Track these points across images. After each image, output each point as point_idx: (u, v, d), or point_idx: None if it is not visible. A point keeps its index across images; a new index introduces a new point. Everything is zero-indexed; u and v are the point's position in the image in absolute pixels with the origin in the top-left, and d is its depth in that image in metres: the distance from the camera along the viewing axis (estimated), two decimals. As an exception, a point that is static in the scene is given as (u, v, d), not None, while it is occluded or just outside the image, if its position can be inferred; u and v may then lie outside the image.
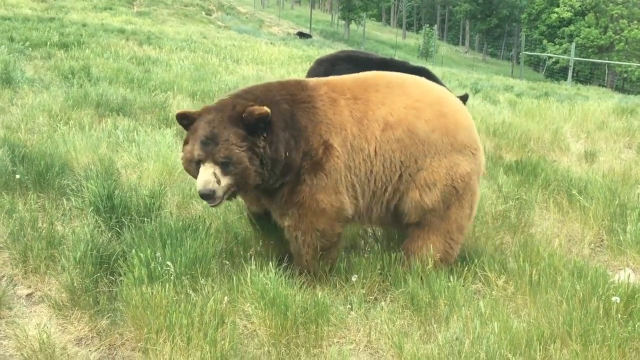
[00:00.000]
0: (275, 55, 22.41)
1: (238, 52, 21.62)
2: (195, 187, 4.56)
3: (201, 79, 13.52)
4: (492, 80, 29.70)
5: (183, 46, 20.76)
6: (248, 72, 16.83)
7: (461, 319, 4.32)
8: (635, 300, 4.58)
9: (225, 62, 18.56)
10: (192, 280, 4.37)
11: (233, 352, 3.78)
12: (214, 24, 40.97)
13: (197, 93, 11.57)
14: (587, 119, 13.17)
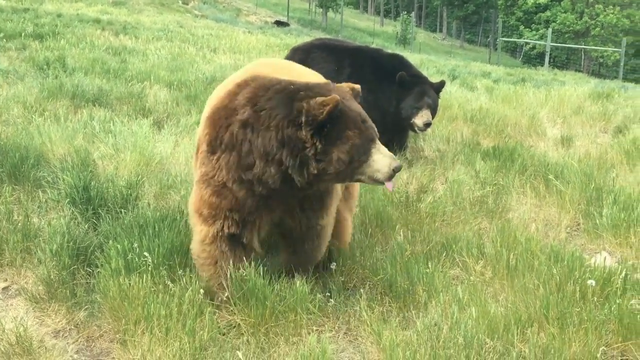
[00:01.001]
0: (253, 44, 22.31)
1: (215, 41, 21.50)
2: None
3: (178, 69, 13.44)
4: (469, 66, 29.76)
5: (160, 36, 20.63)
6: (226, 61, 16.74)
7: (439, 305, 4.34)
8: (611, 283, 4.63)
9: (203, 51, 18.47)
10: (170, 271, 4.35)
11: (212, 342, 3.77)
12: (191, 13, 40.71)
13: (174, 83, 11.51)
14: (564, 104, 13.24)
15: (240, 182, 3.93)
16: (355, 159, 3.78)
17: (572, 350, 3.81)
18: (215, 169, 3.96)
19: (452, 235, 5.49)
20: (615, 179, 7.61)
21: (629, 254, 5.65)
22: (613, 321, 4.17)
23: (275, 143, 3.75)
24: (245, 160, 3.86)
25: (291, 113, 3.73)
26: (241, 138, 3.85)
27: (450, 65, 27.63)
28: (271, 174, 3.82)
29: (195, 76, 12.52)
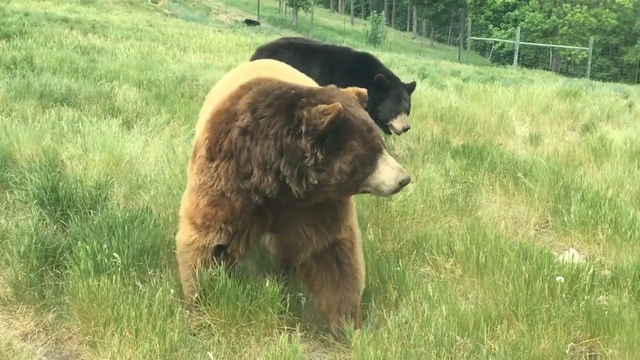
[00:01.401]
0: (223, 43, 22.23)
1: (185, 40, 21.40)
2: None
3: (148, 68, 13.34)
4: (439, 65, 29.95)
5: (129, 35, 20.47)
6: (196, 60, 16.67)
7: (410, 303, 4.36)
8: (579, 279, 4.69)
9: (172, 50, 18.36)
10: (140, 272, 4.31)
11: (182, 343, 3.75)
12: (161, 12, 40.49)
13: (143, 82, 11.41)
14: (532, 103, 13.38)
15: (238, 192, 3.75)
16: (360, 170, 3.58)
17: (541, 346, 3.84)
18: (214, 178, 3.78)
19: (422, 233, 5.52)
20: (583, 176, 7.73)
21: (597, 250, 5.73)
22: (581, 317, 4.22)
23: (274, 152, 3.57)
24: (244, 169, 3.68)
25: (291, 121, 3.55)
26: (240, 145, 3.67)
27: (420, 63, 27.78)
28: (268, 183, 3.63)
29: (165, 75, 12.44)
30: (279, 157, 3.57)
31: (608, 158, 8.51)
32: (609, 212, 6.09)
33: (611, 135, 9.99)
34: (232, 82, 4.17)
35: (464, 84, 18.00)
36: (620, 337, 3.96)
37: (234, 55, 18.66)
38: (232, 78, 4.45)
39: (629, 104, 15.80)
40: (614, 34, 68.95)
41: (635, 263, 5.01)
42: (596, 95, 17.10)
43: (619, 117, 13.18)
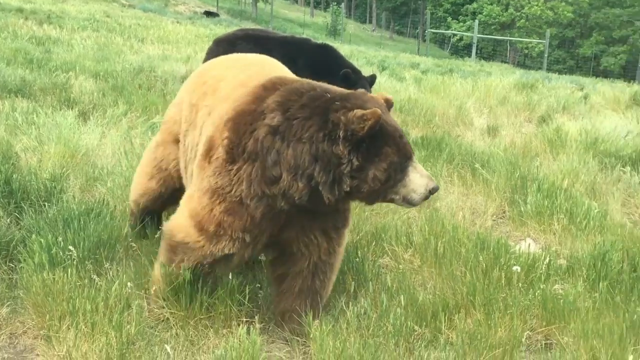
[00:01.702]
0: (182, 35, 22.06)
1: (143, 32, 21.18)
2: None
3: (105, 59, 13.18)
4: (398, 57, 30.10)
5: (85, 25, 20.19)
6: (154, 51, 16.51)
7: (369, 294, 4.37)
8: (535, 269, 4.76)
9: (130, 41, 18.17)
10: (96, 265, 4.26)
11: (140, 336, 3.71)
12: (118, 3, 39.90)
13: (100, 73, 11.27)
14: (490, 95, 13.52)
15: (261, 198, 3.55)
16: (392, 177, 3.51)
17: (497, 335, 3.88)
18: (234, 182, 3.56)
19: (381, 224, 5.54)
20: (539, 167, 7.83)
21: (552, 240, 5.81)
22: (537, 306, 4.28)
23: (308, 157, 3.41)
24: (271, 172, 3.48)
25: (326, 125, 3.41)
26: (268, 146, 3.48)
27: (379, 56, 27.90)
28: (299, 188, 3.47)
29: (122, 66, 12.31)
30: (313, 163, 3.43)
31: (564, 149, 8.62)
32: (565, 202, 6.18)
33: (567, 126, 10.13)
34: (219, 78, 4.03)
35: (423, 76, 18.12)
36: (575, 326, 4.02)
37: (193, 47, 18.51)
38: (213, 74, 4.20)
39: (584, 96, 16.04)
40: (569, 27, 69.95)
41: (590, 252, 5.09)
42: (552, 88, 17.34)
43: (575, 109, 13.38)
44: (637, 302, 4.37)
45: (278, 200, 3.55)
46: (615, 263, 4.96)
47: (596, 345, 3.80)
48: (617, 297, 4.44)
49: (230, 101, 3.72)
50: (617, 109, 14.09)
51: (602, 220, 6.05)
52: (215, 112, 3.79)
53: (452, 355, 3.72)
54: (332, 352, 3.52)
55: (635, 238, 5.55)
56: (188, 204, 3.75)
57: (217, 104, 3.81)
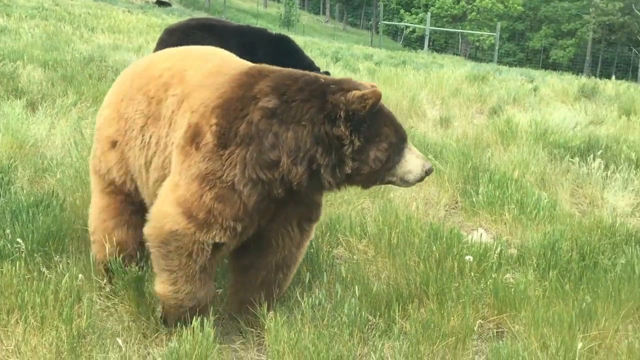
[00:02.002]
0: (133, 24, 21.77)
1: (93, 21, 20.85)
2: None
3: (54, 48, 12.94)
4: (352, 49, 30.18)
5: (34, 14, 19.79)
6: (104, 41, 16.26)
7: (323, 285, 4.38)
8: (487, 258, 4.81)
9: (80, 30, 17.87)
10: (45, 258, 4.18)
11: (91, 329, 3.66)
12: (67, -9, 39.16)
13: (49, 62, 11.05)
14: (442, 86, 13.64)
15: (254, 185, 3.46)
16: (391, 158, 3.53)
17: (450, 324, 3.92)
18: (225, 166, 3.44)
19: (335, 215, 5.54)
20: (491, 158, 7.92)
21: (504, 230, 5.89)
22: (489, 295, 4.34)
23: (310, 139, 3.38)
24: (268, 155, 3.41)
25: (325, 107, 3.39)
26: (264, 128, 3.41)
27: (333, 47, 27.94)
28: (298, 172, 3.42)
29: (72, 56, 12.09)
30: (315, 145, 3.40)
31: (514, 140, 8.74)
32: (515, 192, 6.27)
33: (517, 118, 10.27)
34: (180, 69, 3.84)
35: (377, 67, 18.20)
36: (525, 314, 4.09)
37: (145, 37, 18.28)
38: (166, 66, 3.94)
39: (534, 88, 16.30)
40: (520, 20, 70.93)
41: (540, 242, 5.17)
42: (503, 80, 17.57)
43: (525, 101, 13.58)
44: (585, 291, 4.45)
45: (275, 186, 3.49)
46: (565, 252, 5.06)
47: (546, 333, 3.86)
48: (566, 286, 4.52)
49: (211, 89, 3.62)
50: (565, 101, 14.36)
51: (551, 210, 6.16)
52: (189, 100, 3.65)
53: (405, 345, 3.74)
54: (287, 343, 3.52)
55: (583, 228, 5.66)
56: (173, 192, 3.55)
57: (191, 92, 3.68)
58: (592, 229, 5.61)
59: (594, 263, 4.96)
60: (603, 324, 4.00)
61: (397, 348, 3.74)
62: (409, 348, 3.72)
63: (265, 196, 3.52)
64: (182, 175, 3.53)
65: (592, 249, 5.13)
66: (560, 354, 3.64)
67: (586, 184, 7.31)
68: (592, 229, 5.62)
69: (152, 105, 3.84)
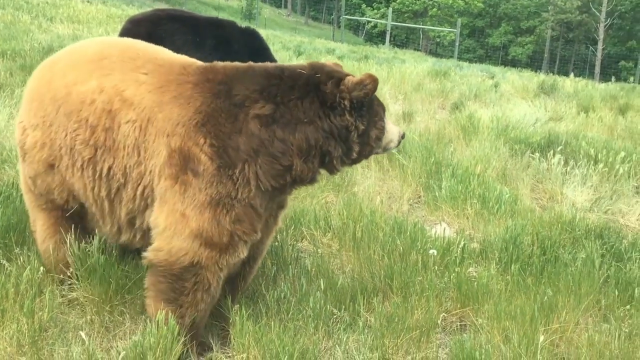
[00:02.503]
0: (93, 14, 21.49)
1: (52, 10, 20.49)
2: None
3: (12, 38, 12.69)
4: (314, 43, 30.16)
5: (-10, 2, 19.38)
6: (63, 31, 16.02)
7: (288, 278, 4.37)
8: (450, 252, 4.86)
9: (38, 20, 17.58)
10: (5, 250, 4.11)
11: (53, 323, 3.60)
12: (24, -21, 38.47)
13: (7, 52, 10.85)
14: (405, 81, 13.70)
15: (264, 194, 3.41)
16: (383, 132, 3.67)
17: (414, 317, 3.95)
18: (239, 186, 3.32)
19: (300, 208, 5.54)
20: (453, 153, 7.99)
21: (466, 224, 5.94)
22: (452, 289, 4.38)
23: (322, 134, 3.39)
24: (280, 162, 3.36)
25: (325, 99, 3.39)
26: (267, 137, 3.32)
27: (295, 41, 27.88)
28: (311, 170, 3.47)
29: (30, 45, 11.88)
30: (327, 139, 3.43)
31: (476, 135, 8.82)
32: (478, 187, 6.34)
33: (479, 113, 10.37)
34: (116, 90, 3.51)
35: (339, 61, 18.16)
36: (488, 307, 4.14)
37: (105, 27, 18.05)
38: (90, 88, 3.58)
39: (495, 84, 16.47)
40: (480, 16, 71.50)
41: (502, 236, 5.24)
42: (464, 76, 17.72)
43: (486, 97, 13.71)
44: (547, 284, 4.52)
45: (286, 189, 3.56)
46: (526, 246, 5.14)
47: (509, 326, 3.91)
48: (528, 280, 4.58)
49: (178, 106, 3.39)
50: (526, 97, 14.54)
51: (512, 205, 6.24)
52: (156, 123, 3.41)
53: (370, 338, 3.76)
54: (252, 337, 3.50)
55: (544, 222, 5.73)
56: (185, 225, 3.34)
57: (152, 114, 3.43)
58: (553, 224, 5.69)
59: (554, 257, 5.03)
60: (564, 317, 4.07)
61: (361, 341, 3.75)
62: (374, 341, 3.74)
63: (272, 199, 3.53)
64: (187, 204, 3.34)
65: (552, 243, 5.21)
66: (522, 346, 3.68)
67: (546, 180, 7.41)
68: (552, 223, 5.70)
69: (97, 135, 3.53)
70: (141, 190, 3.51)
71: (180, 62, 3.63)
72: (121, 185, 3.56)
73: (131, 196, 3.55)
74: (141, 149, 3.45)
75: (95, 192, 3.62)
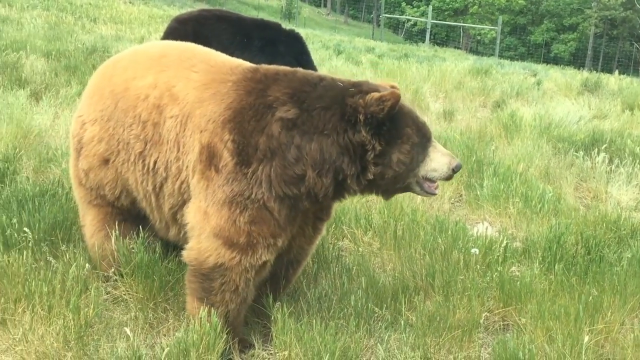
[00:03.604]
0: (135, 15, 21.76)
1: (95, 11, 20.81)
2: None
3: (56, 38, 12.93)
4: (354, 42, 30.14)
5: (35, 4, 19.74)
6: (106, 31, 16.25)
7: (329, 276, 4.38)
8: (493, 251, 4.81)
9: (82, 21, 17.87)
10: (52, 247, 4.18)
11: (98, 319, 3.66)
12: (68, -19, 39.08)
13: (52, 52, 11.04)
14: (445, 79, 13.62)
15: (282, 200, 3.35)
16: (415, 158, 3.39)
17: (456, 316, 3.92)
18: (252, 186, 3.31)
19: (341, 207, 5.53)
20: (495, 151, 7.92)
21: (508, 223, 5.89)
22: (495, 288, 4.34)
23: (335, 149, 3.28)
24: (293, 169, 3.31)
25: (345, 112, 3.28)
26: (285, 142, 3.29)
27: (335, 40, 27.89)
28: (324, 185, 3.34)
29: (74, 46, 12.08)
30: (341, 155, 3.30)
31: (518, 134, 8.73)
32: (520, 186, 6.28)
33: (521, 111, 10.26)
34: (167, 86, 3.61)
35: (379, 60, 18.16)
36: (531, 307, 4.08)
37: (147, 28, 18.27)
38: (141, 84, 3.72)
39: (537, 82, 16.28)
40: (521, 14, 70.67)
41: (545, 235, 5.17)
42: (506, 74, 17.54)
43: (528, 95, 13.56)
44: (591, 284, 4.45)
45: (301, 200, 3.41)
46: (570, 246, 5.06)
47: (552, 326, 3.86)
48: (572, 279, 4.52)
49: (214, 102, 3.45)
50: (569, 95, 14.34)
51: (556, 204, 6.16)
52: (193, 119, 3.48)
53: (412, 337, 3.74)
54: (294, 334, 3.51)
55: (588, 222, 5.66)
56: (206, 224, 3.40)
57: (192, 110, 3.50)
58: (597, 223, 5.61)
59: (599, 257, 4.95)
60: (609, 318, 4.00)
61: (403, 340, 3.74)
62: (416, 340, 3.72)
63: (293, 209, 3.43)
64: (208, 201, 3.39)
65: (597, 242, 5.12)
66: (566, 347, 3.64)
67: (590, 178, 7.31)
68: (597, 223, 5.62)
69: (147, 129, 3.65)
70: (179, 185, 3.58)
71: (231, 64, 3.67)
72: (164, 179, 3.64)
73: (171, 191, 3.62)
74: (180, 144, 3.53)
75: (144, 186, 3.72)
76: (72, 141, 4.06)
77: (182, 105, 3.54)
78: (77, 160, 4.01)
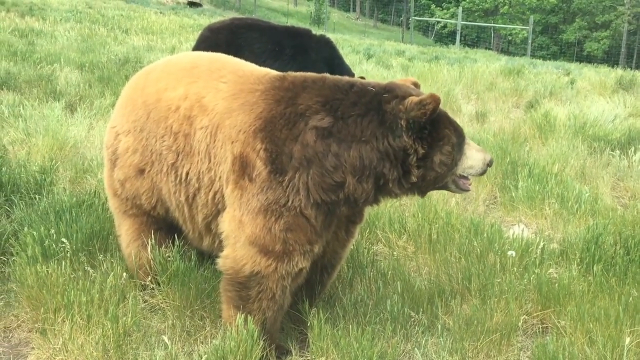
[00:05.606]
0: (166, 25, 21.94)
1: (127, 22, 21.03)
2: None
3: (89, 50, 13.09)
4: (384, 45, 30.07)
5: (68, 17, 20.03)
6: (138, 42, 16.41)
7: (365, 281, 4.37)
8: (529, 253, 4.76)
9: (114, 32, 18.06)
10: (89, 257, 4.24)
11: (136, 327, 3.69)
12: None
13: (85, 64, 11.19)
14: (477, 81, 13.54)
15: (319, 207, 3.37)
16: (455, 158, 3.43)
17: (494, 320, 3.89)
18: (288, 193, 3.32)
19: (374, 212, 5.52)
20: (529, 152, 7.84)
21: (545, 224, 5.82)
22: (532, 290, 4.30)
23: (375, 155, 3.30)
24: (332, 177, 3.31)
25: (385, 119, 3.30)
26: (322, 150, 3.29)
27: (365, 44, 27.85)
28: (364, 190, 3.36)
29: (107, 57, 12.22)
30: (382, 161, 3.32)
31: (553, 134, 8.64)
32: (555, 186, 6.21)
33: (555, 111, 10.16)
34: (197, 97, 3.64)
35: (410, 63, 18.11)
36: (570, 309, 4.03)
37: (178, 37, 18.42)
38: (172, 96, 3.75)
39: (571, 81, 16.09)
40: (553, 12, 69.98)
41: (583, 236, 5.10)
42: (538, 73, 17.37)
43: (562, 94, 13.42)
44: (631, 285, 4.39)
45: (339, 206, 3.43)
46: (609, 246, 4.98)
47: (592, 329, 3.81)
48: (611, 280, 4.45)
49: (244, 112, 3.47)
50: (603, 93, 14.15)
51: (593, 204, 6.08)
52: (223, 129, 3.50)
53: (449, 341, 3.72)
54: (331, 340, 3.51)
55: (626, 221, 5.56)
56: (242, 232, 3.41)
57: (221, 121, 3.52)
58: (636, 223, 5.52)
59: (639, 257, 4.87)
60: (650, 319, 3.93)
61: (440, 344, 3.72)
62: (453, 344, 3.70)
63: (330, 214, 3.45)
64: (243, 210, 3.40)
65: (636, 242, 5.03)
66: (607, 349, 3.59)
67: (627, 177, 7.21)
68: (635, 222, 5.53)
69: (179, 141, 3.69)
70: (212, 195, 3.60)
71: (258, 73, 3.68)
72: (196, 190, 3.67)
73: (205, 201, 3.65)
74: (211, 155, 3.56)
75: (176, 196, 3.75)
76: (106, 152, 4.10)
77: (212, 116, 3.56)
78: (112, 171, 4.05)
